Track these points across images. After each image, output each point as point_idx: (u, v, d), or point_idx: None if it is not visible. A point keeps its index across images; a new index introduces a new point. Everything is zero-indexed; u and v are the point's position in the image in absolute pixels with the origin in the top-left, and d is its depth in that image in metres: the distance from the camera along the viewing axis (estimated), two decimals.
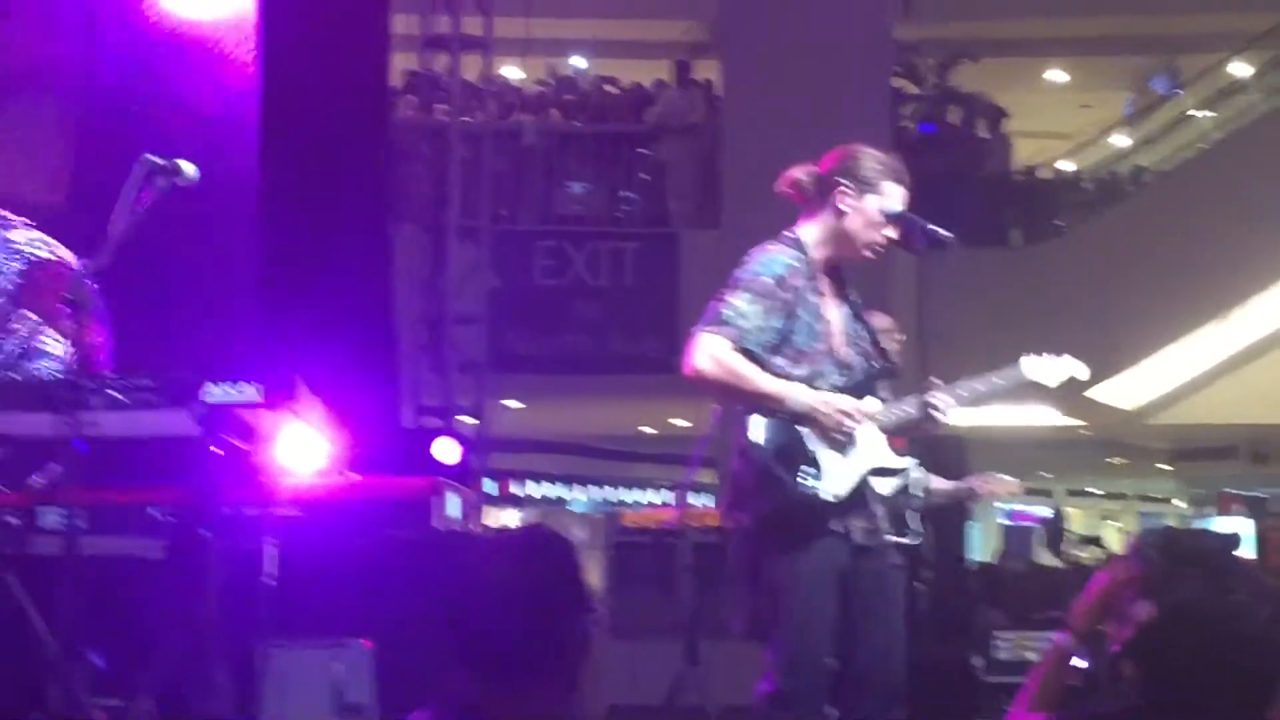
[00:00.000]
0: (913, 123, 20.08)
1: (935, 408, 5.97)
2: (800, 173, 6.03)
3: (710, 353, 5.74)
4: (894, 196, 5.93)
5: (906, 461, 6.07)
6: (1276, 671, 3.23)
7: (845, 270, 6.07)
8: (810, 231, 5.97)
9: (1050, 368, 6.37)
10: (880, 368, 6.07)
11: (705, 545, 10.55)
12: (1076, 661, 3.49)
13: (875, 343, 6.11)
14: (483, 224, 13.96)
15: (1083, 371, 6.50)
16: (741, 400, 5.80)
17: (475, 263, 13.75)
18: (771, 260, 5.86)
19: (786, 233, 5.99)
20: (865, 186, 5.90)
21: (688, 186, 17.99)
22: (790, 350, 5.82)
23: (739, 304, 5.76)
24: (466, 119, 14.16)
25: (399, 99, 15.38)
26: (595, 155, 18.69)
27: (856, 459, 5.84)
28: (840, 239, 5.94)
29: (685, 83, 18.91)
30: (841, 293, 6.03)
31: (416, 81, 15.54)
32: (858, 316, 6.06)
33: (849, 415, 5.78)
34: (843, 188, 5.90)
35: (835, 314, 5.96)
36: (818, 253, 5.94)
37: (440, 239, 13.56)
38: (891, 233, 5.94)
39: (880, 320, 7.78)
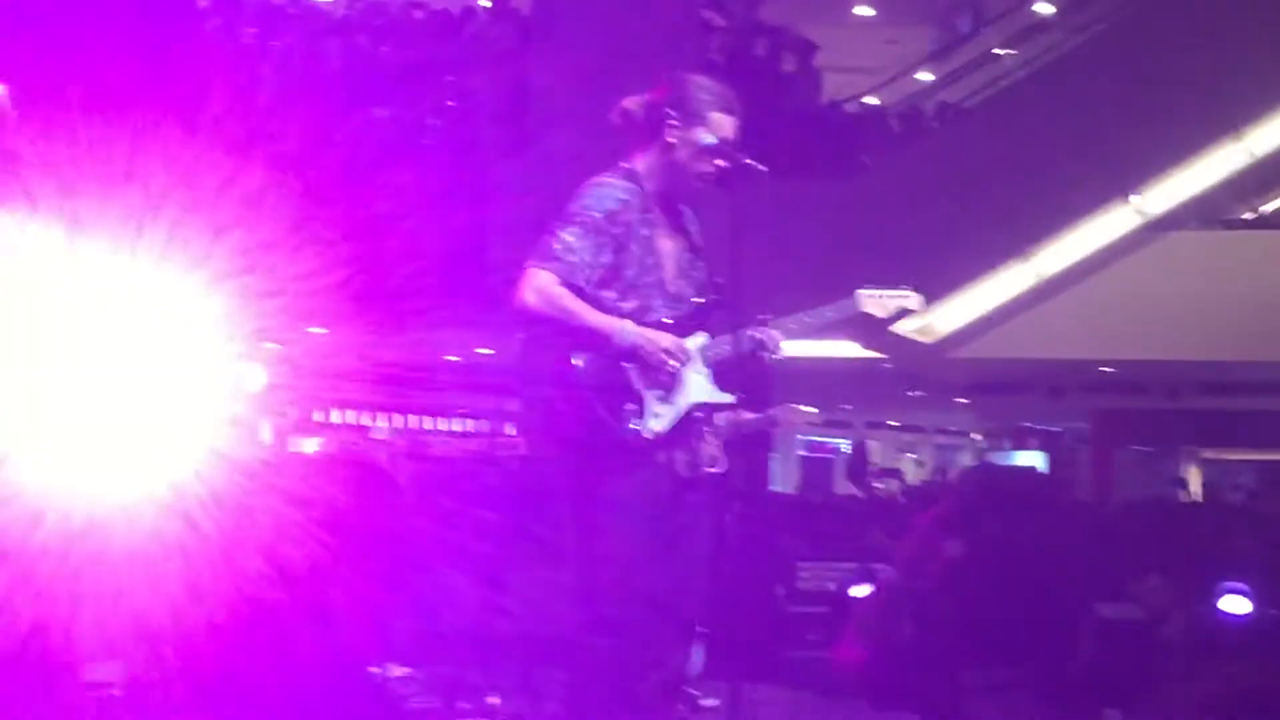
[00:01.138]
0: (720, 55, 20.09)
1: (764, 344, 5.99)
2: (631, 103, 6.02)
3: (537, 288, 5.70)
4: (722, 126, 5.92)
5: (728, 397, 6.06)
6: (1085, 604, 3.31)
7: (682, 202, 6.06)
8: (643, 163, 5.96)
9: (884, 300, 6.34)
10: (711, 301, 6.06)
11: (512, 473, 10.56)
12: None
13: (709, 275, 6.09)
14: (289, 149, 13.79)
15: (916, 302, 6.46)
16: (568, 335, 5.76)
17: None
18: (603, 195, 5.83)
19: (622, 164, 5.96)
20: (692, 118, 5.89)
21: (496, 115, 17.88)
22: (620, 284, 5.81)
23: (568, 239, 5.73)
24: (273, 42, 13.98)
25: (204, 20, 15.12)
26: (402, 81, 18.50)
27: (679, 395, 5.85)
28: (670, 170, 5.93)
29: (500, 10, 18.77)
30: (677, 224, 6.02)
31: (221, 3, 15.30)
32: (693, 249, 6.05)
33: (672, 354, 5.78)
34: (670, 119, 5.90)
35: (668, 246, 5.95)
36: (650, 184, 5.93)
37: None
38: (722, 162, 5.93)
39: None
